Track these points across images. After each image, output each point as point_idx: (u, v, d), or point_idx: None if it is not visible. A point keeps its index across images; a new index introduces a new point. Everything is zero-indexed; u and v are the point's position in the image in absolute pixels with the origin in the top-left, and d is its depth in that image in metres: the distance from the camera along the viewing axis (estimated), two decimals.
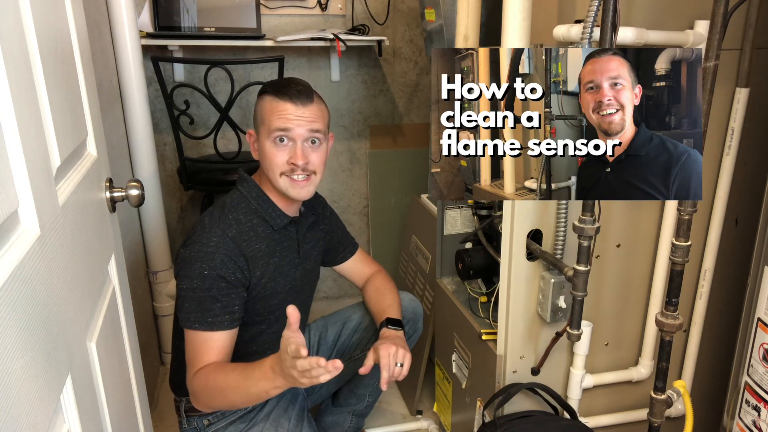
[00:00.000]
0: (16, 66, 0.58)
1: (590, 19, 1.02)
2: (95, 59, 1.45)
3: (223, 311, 1.20)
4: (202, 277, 1.18)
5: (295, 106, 1.21)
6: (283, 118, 1.21)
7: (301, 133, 1.22)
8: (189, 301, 1.19)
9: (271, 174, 1.24)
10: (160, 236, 2.05)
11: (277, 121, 1.21)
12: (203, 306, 1.19)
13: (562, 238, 1.19)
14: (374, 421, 1.87)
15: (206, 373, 1.17)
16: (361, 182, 2.63)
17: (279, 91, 1.23)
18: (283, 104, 1.22)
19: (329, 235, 1.50)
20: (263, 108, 1.25)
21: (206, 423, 1.33)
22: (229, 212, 1.25)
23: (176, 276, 1.23)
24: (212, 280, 1.18)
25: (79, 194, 0.79)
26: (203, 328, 1.19)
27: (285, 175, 1.23)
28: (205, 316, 1.19)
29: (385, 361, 1.22)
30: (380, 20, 2.41)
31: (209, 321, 1.19)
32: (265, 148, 1.24)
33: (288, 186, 1.24)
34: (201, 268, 1.18)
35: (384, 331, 1.34)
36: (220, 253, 1.19)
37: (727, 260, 1.34)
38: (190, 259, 1.19)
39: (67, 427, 0.64)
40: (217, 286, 1.19)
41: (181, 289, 1.21)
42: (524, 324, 1.27)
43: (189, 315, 1.19)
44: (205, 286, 1.18)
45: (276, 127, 1.21)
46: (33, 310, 0.55)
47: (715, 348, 1.42)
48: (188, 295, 1.19)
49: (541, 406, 1.32)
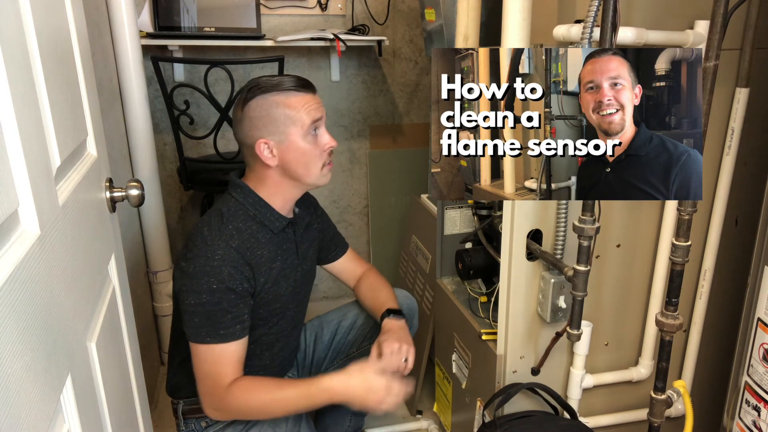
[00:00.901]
0: (16, 66, 0.58)
1: (590, 19, 1.02)
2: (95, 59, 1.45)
3: (234, 322, 1.18)
4: (211, 291, 1.16)
5: (312, 95, 1.23)
6: (312, 109, 1.21)
7: (324, 118, 1.25)
8: (198, 315, 1.17)
9: (310, 171, 1.24)
10: (160, 236, 2.05)
11: (309, 115, 1.20)
12: (214, 319, 1.17)
13: (562, 238, 1.19)
14: (374, 420, 1.87)
15: (246, 390, 1.17)
16: (361, 182, 2.63)
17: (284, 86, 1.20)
18: (303, 96, 1.21)
19: (322, 233, 1.49)
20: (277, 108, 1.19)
21: (204, 425, 1.33)
22: (228, 222, 1.22)
23: (180, 291, 1.19)
24: (221, 294, 1.16)
25: (79, 194, 0.79)
26: (216, 341, 1.17)
27: (325, 165, 1.25)
28: (217, 328, 1.17)
29: (387, 357, 1.23)
30: (380, 20, 2.41)
31: (221, 333, 1.17)
32: (299, 145, 1.20)
33: (326, 174, 1.26)
34: (209, 283, 1.16)
35: (386, 322, 1.34)
36: (227, 266, 1.17)
37: (727, 260, 1.34)
38: (196, 274, 1.16)
39: (67, 427, 0.64)
40: (227, 298, 1.17)
41: (188, 304, 1.17)
42: (524, 324, 1.27)
43: (200, 330, 1.17)
44: (215, 299, 1.16)
45: (312, 119, 1.20)
46: (33, 310, 0.55)
47: (715, 348, 1.42)
48: (197, 310, 1.16)
49: (541, 406, 1.32)
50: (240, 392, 1.17)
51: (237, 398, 1.17)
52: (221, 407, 1.19)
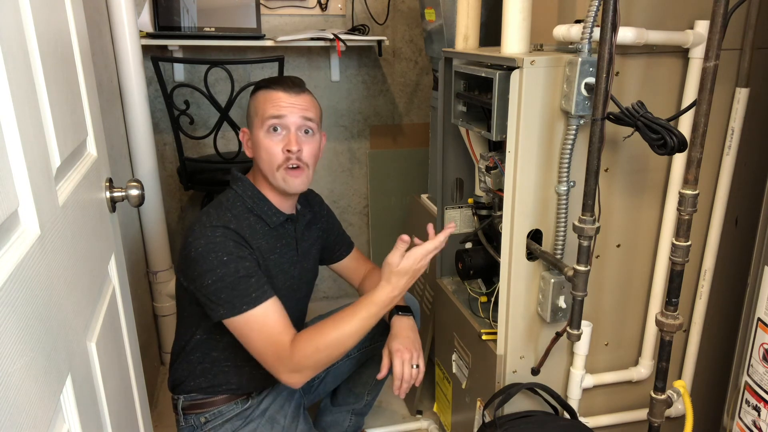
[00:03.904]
0: (16, 66, 0.58)
1: (590, 19, 1.02)
2: (95, 59, 1.45)
3: (259, 283, 1.17)
4: (224, 263, 1.15)
5: (287, 95, 1.22)
6: (276, 105, 1.21)
7: (295, 120, 1.22)
8: (224, 291, 1.15)
9: (268, 168, 1.23)
10: (160, 236, 2.05)
11: (270, 109, 1.21)
12: (240, 287, 1.15)
13: (562, 238, 1.19)
14: (374, 420, 1.87)
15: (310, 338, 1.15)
16: (361, 182, 2.63)
17: (271, 82, 1.24)
18: (276, 93, 1.22)
19: (326, 233, 1.49)
20: (256, 101, 1.25)
21: (203, 420, 1.33)
22: (227, 210, 1.24)
23: (193, 279, 1.18)
24: (235, 263, 1.15)
25: (79, 194, 0.79)
26: (252, 305, 1.14)
27: (282, 167, 1.22)
28: (248, 293, 1.15)
29: (398, 370, 1.23)
30: (380, 20, 2.41)
31: (254, 296, 1.15)
32: (259, 139, 1.22)
33: (284, 177, 1.23)
34: (218, 257, 1.15)
35: (395, 319, 1.34)
36: (230, 239, 1.17)
37: (727, 260, 1.34)
38: (202, 255, 1.15)
39: (67, 427, 0.64)
40: (243, 266, 1.16)
41: (207, 285, 1.15)
42: (524, 324, 1.27)
43: (233, 302, 1.14)
44: (231, 270, 1.15)
45: (270, 115, 1.20)
46: (33, 310, 0.55)
47: (715, 348, 1.42)
48: (218, 286, 1.15)
49: (541, 406, 1.32)
50: (306, 344, 1.15)
51: (306, 349, 1.15)
52: (295, 367, 1.16)
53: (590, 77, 1.06)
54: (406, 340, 1.28)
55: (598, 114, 1.01)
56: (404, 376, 1.24)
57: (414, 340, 1.30)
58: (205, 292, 1.16)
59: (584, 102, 1.08)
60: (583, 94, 1.07)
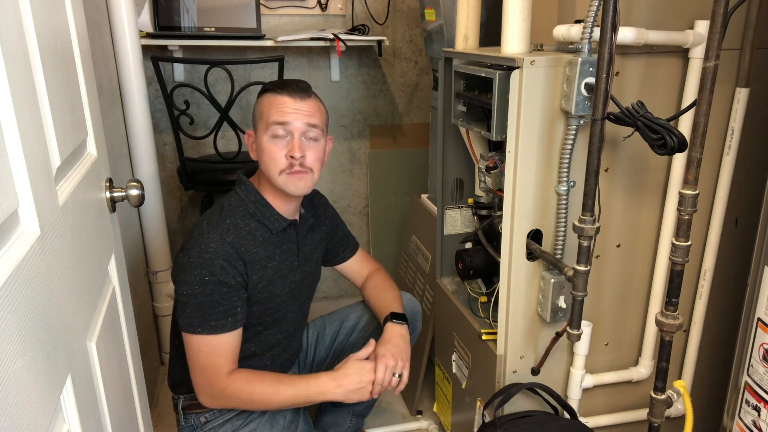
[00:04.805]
0: (16, 66, 0.58)
1: (590, 19, 1.02)
2: (95, 59, 1.45)
3: (226, 314, 1.20)
4: (203, 283, 1.17)
5: (292, 100, 1.21)
6: (281, 111, 1.21)
7: (299, 126, 1.21)
8: (190, 306, 1.19)
9: (271, 172, 1.23)
10: (160, 236, 2.05)
11: (275, 115, 1.21)
12: (205, 311, 1.18)
13: (562, 238, 1.19)
14: (374, 421, 1.87)
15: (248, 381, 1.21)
16: (361, 182, 2.63)
17: (277, 86, 1.24)
18: (280, 98, 1.22)
19: (330, 235, 1.49)
20: (261, 105, 1.25)
21: (203, 420, 1.33)
22: (227, 216, 1.24)
23: (174, 281, 1.22)
24: (213, 286, 1.18)
25: (79, 194, 0.79)
26: (207, 332, 1.18)
27: (284, 172, 1.22)
28: (208, 320, 1.18)
29: (380, 375, 1.24)
30: (380, 20, 2.41)
31: (212, 325, 1.19)
32: (263, 144, 1.23)
33: (286, 182, 1.22)
34: (201, 275, 1.17)
35: (388, 326, 1.34)
36: (219, 259, 1.18)
37: (727, 260, 1.34)
38: (188, 265, 1.18)
39: (67, 427, 0.64)
40: (219, 291, 1.18)
41: (180, 294, 1.20)
42: (524, 324, 1.27)
43: (191, 320, 1.19)
44: (207, 291, 1.18)
45: (274, 121, 1.20)
46: (33, 310, 0.55)
47: (715, 348, 1.42)
48: (189, 300, 1.18)
49: (541, 406, 1.32)
50: (243, 383, 1.19)
51: (239, 388, 1.19)
52: (219, 395, 1.21)
53: (590, 77, 1.06)
54: (394, 348, 1.29)
55: (598, 114, 1.01)
56: (383, 382, 1.25)
57: (403, 349, 1.30)
58: (177, 297, 1.21)
59: (584, 102, 1.08)
60: (583, 94, 1.07)
